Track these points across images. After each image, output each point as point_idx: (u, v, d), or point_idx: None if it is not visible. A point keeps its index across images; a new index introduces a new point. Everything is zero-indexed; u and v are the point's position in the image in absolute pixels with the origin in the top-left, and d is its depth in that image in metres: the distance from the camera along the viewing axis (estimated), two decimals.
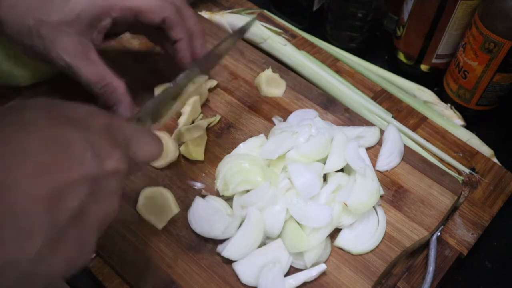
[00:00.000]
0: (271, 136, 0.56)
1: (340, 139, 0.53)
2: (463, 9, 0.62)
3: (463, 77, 0.65)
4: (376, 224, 0.51)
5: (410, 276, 0.52)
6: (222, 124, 0.60)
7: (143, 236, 0.50)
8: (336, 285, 0.48)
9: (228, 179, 0.50)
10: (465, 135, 0.65)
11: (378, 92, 0.68)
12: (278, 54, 0.70)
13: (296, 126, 0.55)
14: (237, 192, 0.50)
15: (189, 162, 0.56)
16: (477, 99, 0.66)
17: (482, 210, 0.57)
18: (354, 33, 0.74)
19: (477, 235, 0.55)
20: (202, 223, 0.49)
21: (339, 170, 0.53)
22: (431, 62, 0.71)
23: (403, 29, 0.70)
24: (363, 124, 0.60)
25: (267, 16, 0.75)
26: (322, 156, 0.53)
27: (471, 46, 0.62)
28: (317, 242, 0.48)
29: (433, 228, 0.52)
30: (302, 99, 0.62)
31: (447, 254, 0.53)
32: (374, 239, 0.50)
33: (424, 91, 0.70)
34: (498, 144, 0.65)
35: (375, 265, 0.49)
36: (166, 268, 0.48)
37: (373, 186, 0.51)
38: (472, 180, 0.60)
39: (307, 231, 0.48)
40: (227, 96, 0.62)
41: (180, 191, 0.53)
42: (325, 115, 0.61)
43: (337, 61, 0.72)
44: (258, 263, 0.47)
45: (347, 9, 0.71)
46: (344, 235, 0.50)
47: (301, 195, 0.49)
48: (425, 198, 0.54)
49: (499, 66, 0.60)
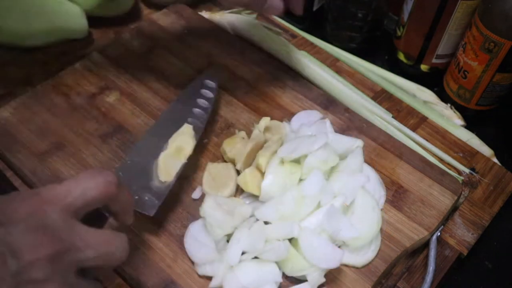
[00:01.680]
0: (287, 141, 0.55)
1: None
2: (463, 9, 0.62)
3: (463, 77, 0.65)
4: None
5: (410, 276, 0.52)
6: (222, 124, 0.60)
7: (143, 236, 0.50)
8: (336, 285, 0.48)
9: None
10: (465, 135, 0.65)
11: (378, 92, 0.68)
12: (278, 54, 0.70)
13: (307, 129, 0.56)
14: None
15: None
16: (477, 99, 0.66)
17: (482, 210, 0.57)
18: (354, 33, 0.74)
19: (477, 235, 0.55)
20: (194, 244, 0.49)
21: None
22: (431, 62, 0.71)
23: (403, 29, 0.70)
24: (363, 125, 0.60)
25: (267, 16, 0.75)
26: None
27: (471, 46, 0.62)
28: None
29: (433, 228, 0.52)
30: (302, 99, 0.62)
31: (447, 254, 0.53)
32: (374, 245, 0.50)
33: (424, 91, 0.70)
34: (498, 144, 0.65)
35: (375, 265, 0.49)
36: (166, 268, 0.48)
37: (373, 216, 0.50)
38: (472, 180, 0.60)
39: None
40: (227, 96, 0.62)
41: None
42: (325, 115, 0.61)
43: (337, 61, 0.71)
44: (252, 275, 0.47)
45: (347, 9, 0.71)
46: (346, 253, 0.49)
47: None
48: (425, 198, 0.54)
49: (499, 66, 0.60)
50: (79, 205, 0.36)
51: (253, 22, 0.72)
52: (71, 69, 0.64)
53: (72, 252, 0.34)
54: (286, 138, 0.56)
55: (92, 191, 0.37)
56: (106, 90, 0.62)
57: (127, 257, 0.38)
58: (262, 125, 0.57)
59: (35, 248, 0.32)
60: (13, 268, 0.31)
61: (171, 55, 0.64)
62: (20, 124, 0.57)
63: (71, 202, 0.36)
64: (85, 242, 0.35)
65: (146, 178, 0.50)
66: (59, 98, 0.61)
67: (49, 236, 0.33)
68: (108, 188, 0.37)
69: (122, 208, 0.41)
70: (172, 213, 0.52)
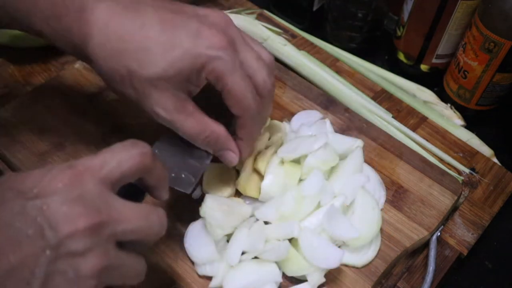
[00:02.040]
0: (287, 141, 0.56)
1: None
2: (463, 9, 0.62)
3: (463, 77, 0.65)
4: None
5: (410, 276, 0.52)
6: None
7: None
8: (336, 285, 0.48)
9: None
10: (465, 135, 0.65)
11: (378, 92, 0.68)
12: (278, 54, 0.70)
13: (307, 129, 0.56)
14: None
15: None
16: (477, 99, 0.66)
17: (482, 210, 0.57)
18: (354, 33, 0.74)
19: (477, 235, 0.55)
20: (194, 245, 0.49)
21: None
22: (431, 62, 0.71)
23: (403, 29, 0.70)
24: (363, 125, 0.60)
25: (267, 16, 0.75)
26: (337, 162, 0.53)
27: (471, 46, 0.62)
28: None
29: (433, 228, 0.52)
30: (302, 99, 0.62)
31: (447, 254, 0.53)
32: (374, 245, 0.50)
33: (424, 91, 0.70)
34: (498, 144, 0.65)
35: (375, 265, 0.49)
36: (166, 268, 0.48)
37: (373, 216, 0.50)
38: (472, 180, 0.60)
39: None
40: None
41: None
42: (325, 115, 0.61)
43: (337, 61, 0.71)
44: (252, 275, 0.47)
45: (347, 9, 0.71)
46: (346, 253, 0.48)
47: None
48: (425, 198, 0.54)
49: (499, 66, 0.60)
50: (115, 176, 0.35)
51: (253, 22, 0.72)
52: (71, 69, 0.64)
53: (111, 224, 0.33)
54: (286, 138, 0.56)
55: (128, 162, 0.36)
56: (106, 90, 0.62)
57: (164, 232, 0.38)
58: None
59: (73, 220, 0.32)
60: (52, 241, 0.31)
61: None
62: (20, 124, 0.57)
63: (107, 173, 0.35)
64: (123, 215, 0.34)
65: (182, 157, 0.48)
66: (59, 98, 0.61)
67: (87, 207, 0.33)
68: (144, 159, 0.37)
69: (157, 182, 0.40)
70: (172, 213, 0.52)
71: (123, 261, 0.35)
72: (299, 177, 0.52)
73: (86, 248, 0.32)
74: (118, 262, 0.34)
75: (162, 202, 0.51)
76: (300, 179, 0.52)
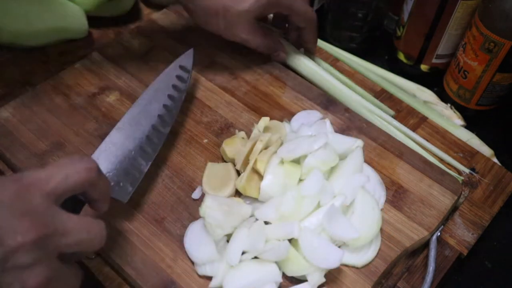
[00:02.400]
0: (287, 141, 0.55)
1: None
2: (463, 9, 0.62)
3: (463, 77, 0.65)
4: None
5: (410, 276, 0.52)
6: (222, 124, 0.60)
7: (143, 236, 0.50)
8: (336, 285, 0.48)
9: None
10: (465, 135, 0.65)
11: (378, 92, 0.68)
12: None
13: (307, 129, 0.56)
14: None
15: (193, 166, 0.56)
16: (477, 99, 0.66)
17: (482, 210, 0.57)
18: (354, 33, 0.74)
19: (477, 235, 0.55)
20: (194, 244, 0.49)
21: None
22: (431, 62, 0.71)
23: (403, 29, 0.70)
24: (363, 125, 0.60)
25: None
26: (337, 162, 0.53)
27: (471, 46, 0.62)
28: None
29: (433, 228, 0.52)
30: (302, 99, 0.62)
31: (447, 254, 0.53)
32: (374, 245, 0.50)
33: (424, 91, 0.70)
34: (498, 144, 0.65)
35: (375, 265, 0.49)
36: (166, 268, 0.48)
37: (373, 216, 0.50)
38: (472, 180, 0.60)
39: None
40: (227, 96, 0.62)
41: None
42: (325, 115, 0.61)
43: (337, 61, 0.72)
44: (252, 275, 0.47)
45: (347, 9, 0.71)
46: (346, 253, 0.49)
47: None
48: (425, 198, 0.54)
49: (499, 66, 0.60)
50: (61, 190, 0.36)
51: None
52: (71, 69, 0.64)
53: (56, 237, 0.34)
54: (286, 138, 0.56)
55: (74, 176, 0.37)
56: (106, 90, 0.62)
57: (104, 243, 0.39)
58: (261, 125, 0.57)
59: (19, 233, 0.32)
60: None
61: (171, 55, 0.64)
62: (20, 124, 0.57)
63: (54, 187, 0.36)
64: (68, 228, 0.35)
65: (120, 165, 0.50)
66: (59, 98, 0.61)
67: (33, 221, 0.33)
68: (89, 174, 0.38)
69: (100, 195, 0.41)
70: (172, 213, 0.52)
71: (64, 272, 0.36)
72: (299, 177, 0.52)
73: (32, 261, 0.33)
74: (59, 274, 0.35)
75: (162, 202, 0.52)
76: (300, 179, 0.52)
